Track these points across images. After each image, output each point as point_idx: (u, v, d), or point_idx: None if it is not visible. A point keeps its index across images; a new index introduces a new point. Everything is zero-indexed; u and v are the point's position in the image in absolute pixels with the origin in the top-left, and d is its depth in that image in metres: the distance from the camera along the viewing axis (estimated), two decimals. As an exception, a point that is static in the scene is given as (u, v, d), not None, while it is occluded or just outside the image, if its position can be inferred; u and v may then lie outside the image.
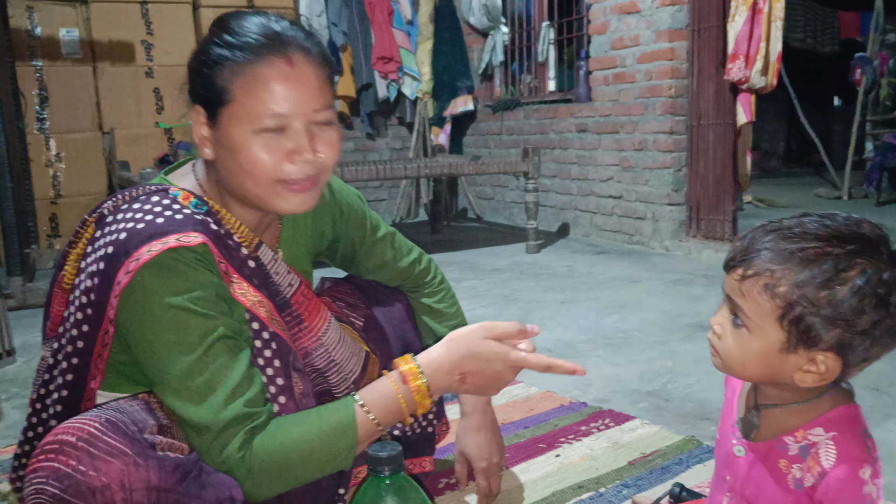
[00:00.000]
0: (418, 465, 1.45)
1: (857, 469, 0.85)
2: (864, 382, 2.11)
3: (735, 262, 0.89)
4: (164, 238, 1.00)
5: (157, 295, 0.99)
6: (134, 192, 1.09)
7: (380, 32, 5.62)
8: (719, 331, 0.93)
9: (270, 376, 1.10)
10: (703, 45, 4.22)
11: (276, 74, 1.03)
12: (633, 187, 4.64)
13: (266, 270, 1.16)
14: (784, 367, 0.88)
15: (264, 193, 1.07)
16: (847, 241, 0.85)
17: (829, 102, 9.61)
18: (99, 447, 0.88)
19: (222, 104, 1.04)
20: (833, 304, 0.83)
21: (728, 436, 1.01)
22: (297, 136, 1.05)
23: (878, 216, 5.64)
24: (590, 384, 2.22)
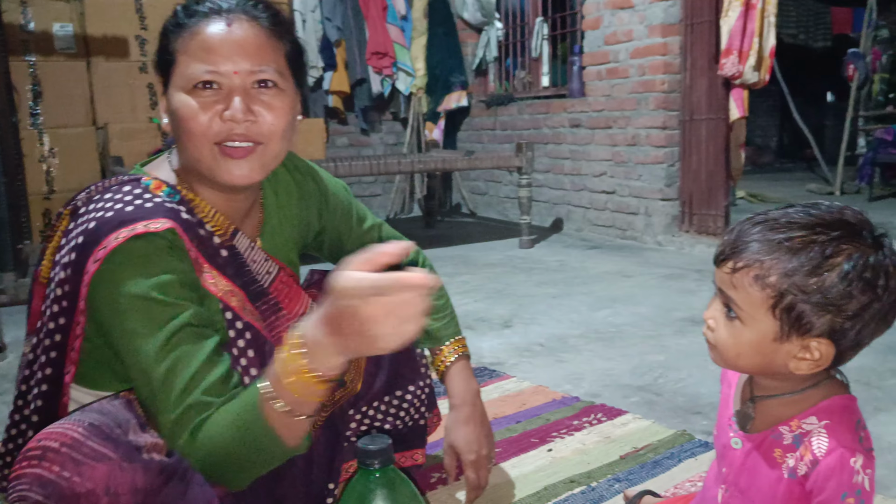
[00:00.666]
0: (409, 458, 1.46)
1: (848, 458, 0.86)
2: (855, 377, 2.12)
3: (725, 255, 0.90)
4: (131, 225, 1.00)
5: (121, 283, 0.98)
6: (107, 182, 1.10)
7: (374, 28, 5.61)
8: (713, 324, 0.93)
9: (244, 367, 1.09)
10: (695, 40, 4.24)
11: (211, 32, 1.05)
12: (626, 182, 4.66)
13: (241, 259, 1.15)
14: (778, 356, 0.89)
15: (204, 158, 1.06)
16: (832, 227, 0.86)
17: (822, 98, 9.63)
18: (83, 452, 0.87)
19: (169, 67, 1.07)
20: (822, 291, 0.84)
21: (725, 429, 1.02)
22: (228, 93, 1.05)
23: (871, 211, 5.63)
24: (581, 378, 2.24)
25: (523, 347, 2.57)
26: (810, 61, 8.74)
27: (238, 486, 1.02)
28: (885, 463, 1.61)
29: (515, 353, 2.50)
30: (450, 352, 1.44)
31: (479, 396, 1.44)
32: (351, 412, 1.40)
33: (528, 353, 2.50)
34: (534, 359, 2.45)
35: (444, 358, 1.44)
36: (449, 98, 5.95)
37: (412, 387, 1.44)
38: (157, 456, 0.94)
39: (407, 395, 1.43)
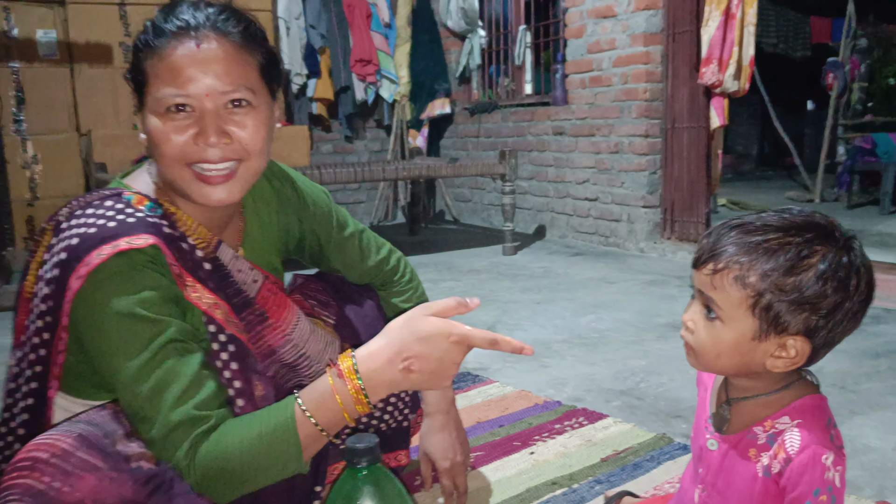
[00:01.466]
0: (393, 459, 1.48)
1: (820, 455, 0.88)
2: (831, 381, 2.17)
3: (705, 258, 0.93)
4: (114, 241, 1.00)
5: (104, 301, 0.99)
6: (88, 197, 1.09)
7: (358, 35, 5.64)
8: (692, 326, 0.95)
9: (228, 379, 1.10)
10: (677, 49, 4.29)
11: (180, 55, 1.03)
12: (609, 189, 4.70)
13: (225, 270, 1.15)
14: (756, 355, 0.92)
15: (180, 179, 1.07)
16: (805, 230, 0.90)
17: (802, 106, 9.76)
18: (72, 463, 0.88)
19: (142, 87, 1.07)
20: (799, 290, 0.87)
21: (701, 431, 1.04)
22: (200, 119, 1.04)
23: (850, 219, 5.76)
24: (564, 383, 2.26)
25: (507, 353, 2.59)
26: (790, 70, 8.86)
27: (229, 499, 1.02)
28: (860, 464, 1.64)
29: (499, 359, 2.52)
30: None
31: (454, 404, 1.44)
32: (335, 415, 1.41)
33: (511, 359, 2.52)
34: (517, 364, 2.47)
35: None
36: (433, 105, 5.98)
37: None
38: (146, 465, 0.95)
39: (390, 398, 1.45)
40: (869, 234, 4.97)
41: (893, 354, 2.45)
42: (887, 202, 5.96)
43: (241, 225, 1.23)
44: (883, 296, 3.19)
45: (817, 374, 1.01)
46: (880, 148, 6.15)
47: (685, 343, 0.98)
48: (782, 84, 8.44)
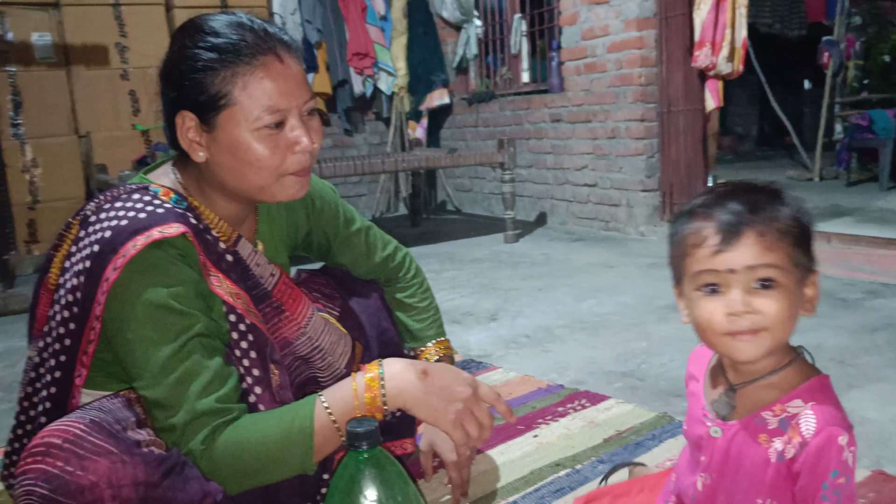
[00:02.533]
0: (399, 447, 1.50)
1: (837, 436, 0.87)
2: (829, 356, 2.19)
3: (737, 230, 0.90)
4: (147, 232, 1.03)
5: (138, 291, 1.02)
6: (115, 192, 1.13)
7: (354, 29, 5.64)
8: (752, 310, 0.90)
9: (247, 367, 1.13)
10: (670, 33, 4.30)
11: (272, 73, 1.08)
12: (608, 175, 4.72)
13: (245, 264, 1.19)
14: (800, 308, 0.93)
15: (268, 185, 1.12)
16: (758, 185, 0.96)
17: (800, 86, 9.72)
18: (85, 447, 0.91)
19: (220, 108, 1.07)
20: (809, 225, 0.93)
21: (700, 421, 1.02)
22: (295, 129, 1.10)
23: (849, 196, 5.77)
24: (567, 367, 2.29)
25: (510, 339, 2.62)
26: (786, 50, 8.83)
27: (237, 490, 1.06)
28: (858, 436, 1.64)
29: (502, 345, 2.55)
30: (433, 352, 1.48)
31: None
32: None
33: (514, 345, 2.55)
34: (520, 350, 2.50)
35: (426, 357, 1.48)
36: (431, 96, 5.99)
37: (400, 378, 1.48)
38: (156, 450, 0.98)
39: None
40: (868, 211, 4.98)
41: (891, 328, 2.47)
42: (885, 178, 5.96)
43: (254, 222, 1.27)
44: (881, 270, 3.21)
45: (816, 349, 1.03)
46: (877, 125, 6.15)
47: (746, 333, 0.90)
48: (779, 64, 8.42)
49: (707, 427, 1.00)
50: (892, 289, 2.99)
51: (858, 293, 2.95)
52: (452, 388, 1.13)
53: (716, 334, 0.92)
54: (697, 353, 1.11)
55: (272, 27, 1.12)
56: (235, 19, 1.11)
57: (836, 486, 0.87)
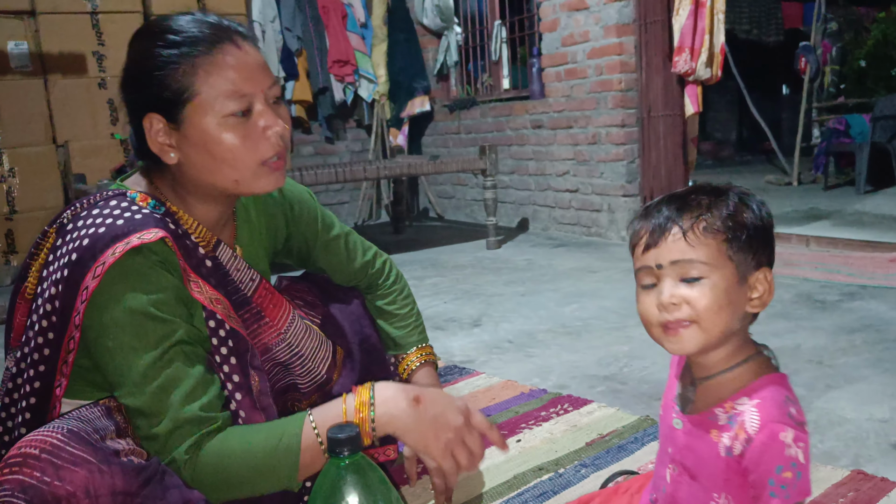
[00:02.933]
0: (382, 454, 1.49)
1: (778, 432, 0.90)
2: (808, 357, 2.21)
3: (664, 229, 0.94)
4: (126, 238, 1.02)
5: (118, 299, 1.02)
6: (92, 198, 1.12)
7: (334, 36, 5.64)
8: (677, 301, 0.94)
9: (227, 373, 1.13)
10: (649, 39, 4.33)
11: (232, 59, 1.07)
12: (589, 180, 4.74)
13: (224, 269, 1.18)
14: (740, 302, 0.95)
15: (243, 178, 1.11)
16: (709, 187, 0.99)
17: (778, 91, 9.86)
18: (62, 457, 0.90)
19: (185, 102, 1.07)
20: (752, 223, 0.95)
21: (669, 410, 1.06)
22: (263, 113, 1.09)
23: (827, 199, 5.84)
24: (549, 371, 2.29)
25: (493, 345, 2.62)
26: (764, 56, 8.95)
27: (220, 501, 1.06)
28: (836, 436, 1.68)
29: (485, 351, 2.55)
30: (414, 358, 1.47)
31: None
32: (325, 412, 1.44)
33: (497, 350, 2.56)
34: (503, 355, 2.50)
35: (408, 364, 1.47)
36: (412, 103, 6.00)
37: (383, 384, 1.47)
38: (136, 459, 0.97)
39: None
40: (846, 214, 5.04)
41: (868, 329, 2.50)
42: (862, 182, 6.04)
43: (233, 227, 1.26)
44: (858, 273, 3.25)
45: (795, 351, 1.04)
46: (854, 129, 6.23)
47: (676, 325, 0.94)
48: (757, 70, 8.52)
49: (672, 418, 1.04)
50: (869, 291, 3.03)
51: (836, 295, 2.98)
52: (444, 416, 1.13)
53: (652, 326, 0.97)
54: None
55: (227, 20, 1.13)
56: (192, 17, 1.11)
57: (782, 482, 0.89)
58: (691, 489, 1.01)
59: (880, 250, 3.62)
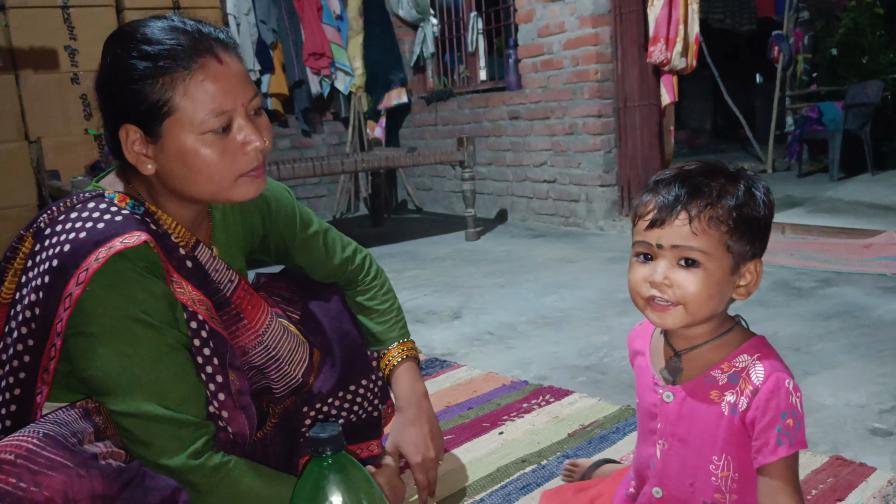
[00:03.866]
0: (365, 450, 1.50)
1: (784, 379, 0.94)
2: (786, 344, 2.24)
3: (674, 210, 0.95)
4: (108, 243, 1.00)
5: (107, 305, 1.00)
6: (69, 201, 1.09)
7: (310, 28, 5.60)
8: (670, 283, 0.96)
9: (209, 374, 1.12)
10: (625, 29, 4.35)
11: (212, 75, 1.04)
12: (566, 171, 4.76)
13: (204, 269, 1.17)
14: (729, 290, 0.98)
15: (222, 190, 1.09)
16: (723, 170, 0.99)
17: (751, 80, 9.92)
18: (38, 462, 0.88)
19: (163, 117, 1.04)
20: (755, 217, 0.96)
21: (651, 390, 1.07)
22: (243, 128, 1.07)
23: (801, 186, 5.90)
24: (530, 363, 2.30)
25: (473, 337, 2.63)
26: (738, 45, 9.01)
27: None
28: (815, 421, 1.71)
29: (466, 343, 2.56)
30: (396, 354, 1.47)
31: (426, 398, 1.46)
32: (305, 409, 1.43)
33: (478, 342, 2.56)
34: (484, 347, 2.51)
35: (389, 360, 1.46)
36: (389, 96, 5.98)
37: (364, 380, 1.47)
38: (115, 461, 0.96)
39: (360, 390, 1.47)
40: (820, 201, 5.10)
41: (844, 315, 2.54)
42: (835, 169, 6.11)
43: (208, 227, 1.24)
44: (833, 259, 3.29)
45: (773, 338, 1.07)
46: (826, 116, 6.30)
47: (661, 303, 0.97)
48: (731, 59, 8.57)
49: (659, 394, 1.05)
50: (844, 277, 3.07)
51: (812, 282, 3.02)
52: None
53: (637, 297, 1.00)
54: (638, 330, 1.16)
55: (206, 27, 1.09)
56: (168, 23, 1.06)
57: (787, 428, 0.93)
58: (685, 458, 1.03)
59: (854, 237, 3.67)
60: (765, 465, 0.95)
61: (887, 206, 4.70)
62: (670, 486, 1.06)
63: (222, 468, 1.07)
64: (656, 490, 1.08)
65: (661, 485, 1.07)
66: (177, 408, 1.04)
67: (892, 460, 1.52)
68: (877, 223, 4.00)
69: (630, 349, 1.16)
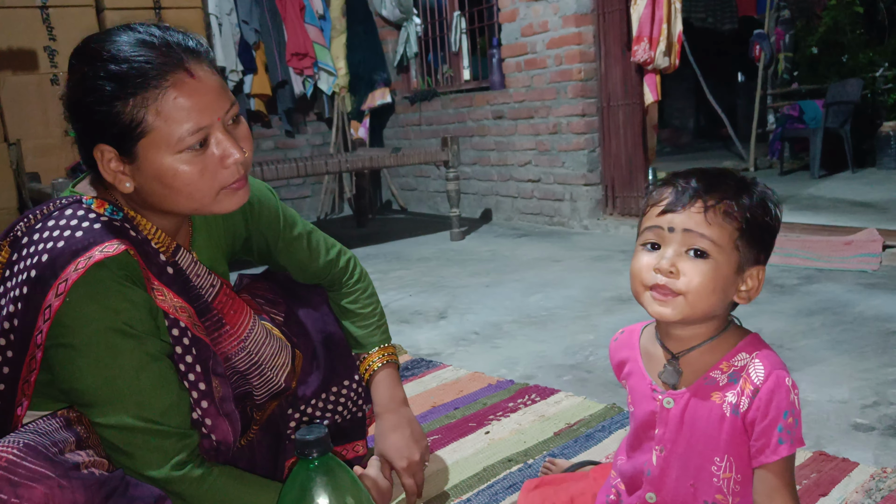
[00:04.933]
0: (351, 451, 1.49)
1: (783, 377, 0.95)
2: (769, 340, 2.24)
3: (692, 197, 0.96)
4: (87, 252, 0.99)
5: (89, 318, 0.99)
6: (45, 208, 1.07)
7: (292, 28, 5.58)
8: (676, 270, 0.95)
9: (192, 381, 1.11)
10: (608, 28, 4.36)
11: (186, 91, 1.00)
12: (551, 170, 4.77)
13: (185, 275, 1.16)
14: (731, 291, 0.97)
15: (204, 205, 1.07)
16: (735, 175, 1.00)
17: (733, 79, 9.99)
18: (19, 473, 0.87)
19: (136, 138, 1.00)
20: (767, 221, 0.97)
21: (648, 397, 1.06)
22: (221, 142, 1.04)
23: (783, 184, 5.95)
24: (516, 362, 2.30)
25: (459, 337, 2.63)
26: (720, 44, 9.06)
27: None
28: (798, 418, 1.72)
29: (452, 343, 2.56)
30: (376, 359, 1.46)
31: (405, 404, 1.45)
32: (290, 411, 1.42)
33: (464, 342, 2.56)
34: (469, 347, 2.50)
35: (369, 365, 1.46)
36: (372, 96, 5.96)
37: (347, 381, 1.46)
38: (97, 471, 0.95)
39: (343, 391, 1.46)
40: (801, 198, 5.14)
41: (826, 312, 2.56)
42: (816, 167, 6.17)
43: (189, 231, 1.22)
44: (815, 256, 3.32)
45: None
46: (807, 115, 6.35)
47: (664, 291, 0.96)
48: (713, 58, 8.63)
49: (658, 401, 1.04)
50: (826, 273, 3.10)
51: (794, 279, 3.05)
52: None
53: (639, 285, 0.98)
54: (621, 340, 1.15)
55: (174, 35, 1.03)
56: (135, 37, 1.01)
57: (787, 426, 0.94)
58: (685, 461, 1.03)
59: (836, 234, 3.70)
60: (765, 464, 0.96)
61: (868, 203, 4.75)
62: (666, 491, 1.05)
63: (207, 478, 1.06)
64: (650, 496, 1.07)
65: (655, 490, 1.06)
66: (160, 419, 1.03)
67: (874, 455, 1.53)
68: (858, 220, 4.04)
69: (614, 361, 1.15)
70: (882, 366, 2.02)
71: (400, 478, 1.38)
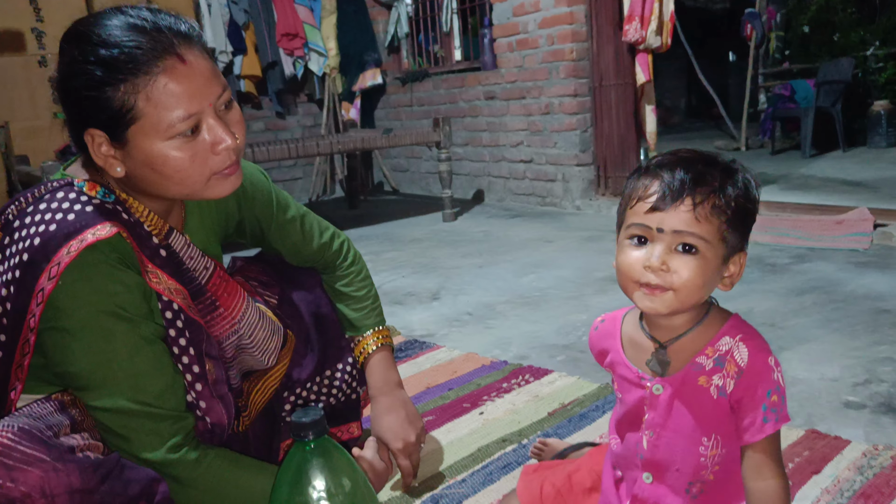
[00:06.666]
0: (346, 432, 1.50)
1: (766, 357, 0.96)
2: (761, 320, 2.27)
3: (680, 195, 0.95)
4: (80, 235, 0.98)
5: (81, 300, 0.98)
6: (37, 191, 1.06)
7: (282, 9, 5.52)
8: (666, 268, 0.95)
9: (186, 364, 1.11)
10: (600, 8, 4.34)
11: (176, 77, 0.99)
12: (543, 150, 4.76)
13: (179, 258, 1.15)
14: (717, 280, 0.98)
15: (195, 191, 1.06)
16: (718, 160, 0.99)
17: (725, 58, 9.98)
18: (14, 457, 0.87)
19: (127, 124, 0.99)
20: (751, 210, 0.97)
21: (635, 385, 1.06)
22: (212, 129, 1.03)
23: (775, 164, 5.97)
24: (510, 343, 2.31)
25: (452, 318, 2.63)
26: (711, 23, 9.04)
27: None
28: (790, 395, 1.73)
29: (445, 324, 2.56)
30: (371, 342, 1.46)
31: (400, 386, 1.46)
32: (285, 394, 1.43)
33: (457, 323, 2.56)
34: (463, 328, 2.51)
35: (364, 347, 1.46)
36: (363, 76, 5.93)
37: (341, 364, 1.47)
38: (93, 454, 0.95)
39: (337, 373, 1.46)
40: (793, 178, 5.16)
41: (817, 290, 2.57)
42: (808, 146, 6.18)
43: (181, 214, 1.22)
44: (806, 235, 3.33)
45: (748, 314, 1.08)
46: (799, 94, 6.36)
47: (654, 287, 0.96)
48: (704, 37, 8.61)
49: (647, 388, 1.05)
50: (817, 252, 3.11)
51: (786, 258, 3.06)
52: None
53: (629, 281, 0.98)
54: (601, 330, 1.15)
55: (165, 19, 1.01)
56: (125, 21, 0.99)
57: (772, 405, 0.95)
58: (673, 444, 1.04)
59: (827, 213, 3.71)
60: (751, 442, 0.97)
61: (858, 182, 4.77)
62: (660, 472, 1.07)
63: (202, 460, 1.06)
64: (646, 476, 1.08)
65: (650, 470, 1.08)
66: (154, 402, 1.02)
67: (865, 432, 1.55)
68: (848, 199, 4.06)
69: (595, 350, 1.16)
70: (873, 344, 2.04)
71: (396, 459, 1.39)
